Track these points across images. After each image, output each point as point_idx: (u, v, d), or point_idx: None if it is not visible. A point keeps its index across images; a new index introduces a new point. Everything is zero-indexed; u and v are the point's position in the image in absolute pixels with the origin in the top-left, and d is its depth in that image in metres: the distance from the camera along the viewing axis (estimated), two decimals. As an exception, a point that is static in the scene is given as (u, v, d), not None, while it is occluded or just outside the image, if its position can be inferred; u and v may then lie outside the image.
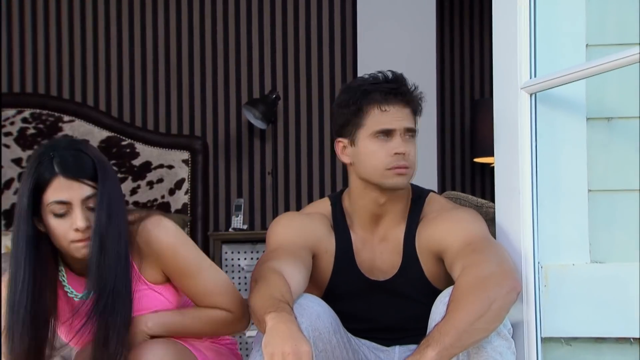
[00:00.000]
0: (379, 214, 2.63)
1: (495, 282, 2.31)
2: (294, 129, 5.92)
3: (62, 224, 2.41)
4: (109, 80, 5.93)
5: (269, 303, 2.28)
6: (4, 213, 5.68)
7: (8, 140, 5.71)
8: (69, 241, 2.42)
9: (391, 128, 2.55)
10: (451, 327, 2.26)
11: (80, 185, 2.40)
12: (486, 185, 6.10)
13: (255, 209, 5.89)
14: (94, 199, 2.42)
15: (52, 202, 2.39)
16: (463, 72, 6.17)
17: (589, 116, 2.51)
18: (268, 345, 2.19)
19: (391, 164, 2.55)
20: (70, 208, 2.40)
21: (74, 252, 2.43)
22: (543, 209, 2.50)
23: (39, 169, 2.40)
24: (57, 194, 2.39)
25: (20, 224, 2.44)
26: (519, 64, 2.51)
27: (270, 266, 2.45)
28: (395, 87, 2.56)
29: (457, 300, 2.30)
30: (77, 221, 2.39)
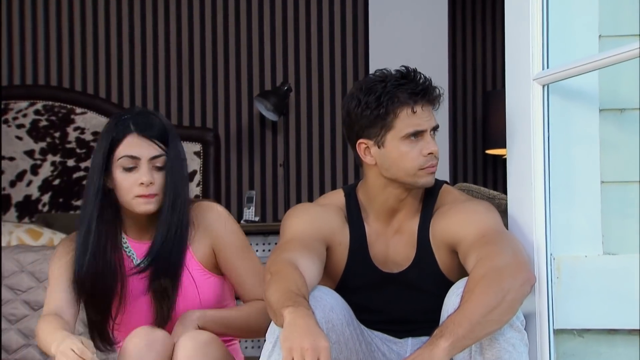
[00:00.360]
0: (397, 207, 2.63)
1: (509, 274, 2.31)
2: (305, 120, 5.92)
3: (129, 178, 2.60)
4: (121, 72, 5.94)
5: (286, 297, 2.28)
6: (17, 205, 5.70)
7: (21, 132, 5.72)
8: (133, 195, 2.60)
9: (422, 129, 2.54)
10: (464, 318, 2.26)
11: (150, 144, 2.61)
12: (498, 177, 6.09)
13: (267, 201, 5.89)
14: (160, 159, 2.62)
15: (123, 156, 2.60)
16: (475, 64, 6.15)
17: (602, 107, 2.50)
18: (286, 340, 2.20)
19: (424, 164, 2.55)
20: (138, 164, 2.61)
21: (136, 206, 2.61)
22: (555, 200, 2.50)
23: (114, 128, 2.63)
24: (128, 149, 2.60)
25: (93, 178, 2.63)
26: (532, 55, 2.51)
27: (285, 258, 2.45)
28: (423, 87, 2.54)
29: (470, 292, 2.30)
30: (143, 176, 2.58)
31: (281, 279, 2.36)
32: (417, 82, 2.55)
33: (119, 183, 2.61)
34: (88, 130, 5.75)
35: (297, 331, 2.19)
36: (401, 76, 2.56)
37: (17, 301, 3.59)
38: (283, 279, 2.36)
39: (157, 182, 2.61)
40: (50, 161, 5.72)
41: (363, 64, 5.86)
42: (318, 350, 2.18)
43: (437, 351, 2.24)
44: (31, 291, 3.59)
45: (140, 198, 2.60)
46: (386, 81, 2.55)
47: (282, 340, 2.21)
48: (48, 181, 5.72)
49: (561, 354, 2.48)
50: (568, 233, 2.50)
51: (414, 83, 2.55)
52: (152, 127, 2.63)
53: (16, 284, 3.60)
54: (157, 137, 2.63)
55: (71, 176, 5.72)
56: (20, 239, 4.37)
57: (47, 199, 5.70)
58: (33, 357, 3.54)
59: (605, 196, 2.49)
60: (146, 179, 2.59)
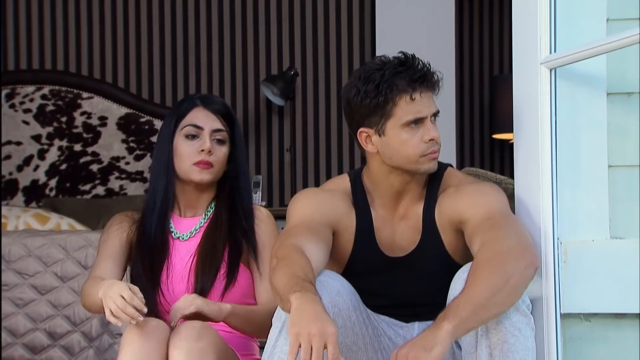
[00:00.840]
0: (401, 193, 2.63)
1: (513, 257, 2.31)
2: (312, 105, 5.91)
3: (190, 146, 2.74)
4: (128, 56, 5.93)
5: (293, 282, 2.28)
6: (24, 189, 5.71)
7: (27, 117, 5.73)
8: (192, 163, 2.73)
9: (422, 116, 2.54)
10: (468, 301, 2.26)
11: (214, 118, 2.77)
12: (505, 162, 6.08)
13: (274, 186, 5.89)
14: (222, 133, 2.76)
15: (188, 124, 2.75)
16: (482, 48, 6.14)
17: (609, 91, 2.50)
18: (294, 325, 2.20)
19: (426, 150, 2.54)
20: (200, 134, 2.75)
21: (192, 174, 2.74)
22: (563, 184, 2.49)
23: (181, 104, 2.81)
24: (194, 119, 2.76)
25: (161, 149, 2.78)
26: (539, 39, 2.50)
27: (291, 243, 2.45)
28: (421, 74, 2.53)
29: (474, 275, 2.31)
30: (205, 143, 2.73)
31: (288, 264, 2.36)
32: (416, 68, 2.53)
33: (180, 150, 2.75)
34: (95, 115, 5.76)
35: (305, 317, 2.19)
36: (399, 63, 2.54)
37: (24, 285, 3.59)
38: (289, 264, 2.36)
39: (216, 154, 2.74)
40: (57, 146, 5.73)
41: (370, 48, 5.85)
42: (325, 336, 2.18)
43: (440, 333, 2.24)
44: (38, 275, 3.60)
45: (198, 166, 2.73)
46: (384, 69, 2.53)
47: (289, 326, 2.21)
48: (55, 166, 5.72)
49: (568, 338, 2.48)
50: (575, 217, 2.49)
51: (412, 70, 2.53)
52: (216, 103, 2.80)
53: (24, 269, 3.61)
54: (221, 113, 2.78)
55: (78, 161, 5.73)
56: (27, 224, 4.38)
57: (54, 183, 5.71)
58: (41, 342, 3.55)
59: (613, 180, 2.49)
60: (208, 146, 2.72)
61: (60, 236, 3.66)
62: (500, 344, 2.32)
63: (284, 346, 2.36)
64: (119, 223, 2.82)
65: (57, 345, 3.56)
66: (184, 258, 2.76)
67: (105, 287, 2.51)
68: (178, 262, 2.75)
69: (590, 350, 2.47)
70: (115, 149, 5.73)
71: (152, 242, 2.75)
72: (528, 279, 2.33)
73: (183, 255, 2.76)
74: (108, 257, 2.76)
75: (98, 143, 5.74)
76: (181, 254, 2.77)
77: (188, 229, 2.80)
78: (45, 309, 3.57)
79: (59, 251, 3.62)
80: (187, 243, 2.78)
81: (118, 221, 2.82)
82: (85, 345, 3.55)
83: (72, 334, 3.56)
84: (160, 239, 2.76)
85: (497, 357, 2.31)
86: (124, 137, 5.74)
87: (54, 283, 3.59)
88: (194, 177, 2.74)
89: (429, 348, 2.22)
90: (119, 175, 5.72)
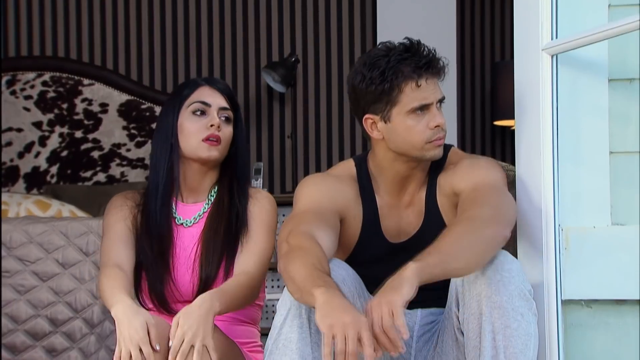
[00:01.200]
0: (407, 179, 2.63)
1: (481, 223, 2.36)
2: (313, 92, 5.91)
3: (198, 122, 2.72)
4: (129, 43, 5.93)
5: (315, 275, 2.28)
6: (25, 176, 5.71)
7: (28, 104, 5.72)
8: (200, 139, 2.70)
9: (428, 103, 2.53)
10: (435, 249, 2.32)
11: (220, 96, 2.76)
12: (506, 148, 6.08)
13: (275, 172, 5.89)
14: (228, 112, 2.75)
15: (195, 101, 2.73)
16: (483, 34, 6.13)
17: (611, 77, 2.49)
18: (326, 317, 2.20)
19: (432, 137, 2.54)
20: (208, 111, 2.73)
21: (201, 151, 2.71)
22: (564, 171, 2.49)
23: (184, 86, 2.79)
24: (201, 96, 2.74)
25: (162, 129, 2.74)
26: (540, 25, 2.49)
27: (303, 230, 2.45)
28: (427, 60, 2.53)
29: (445, 232, 2.36)
30: (213, 119, 2.71)
31: (305, 254, 2.35)
32: (421, 54, 2.53)
33: (187, 128, 2.72)
34: (96, 102, 5.75)
35: (336, 309, 2.20)
36: (404, 49, 2.54)
37: (26, 272, 3.59)
38: (307, 254, 2.35)
39: (223, 131, 2.72)
40: (58, 132, 5.73)
41: (371, 34, 5.84)
42: (359, 325, 2.18)
43: (405, 273, 2.26)
44: (40, 262, 3.60)
45: (207, 142, 2.70)
46: (389, 55, 2.53)
47: (320, 319, 2.21)
48: (56, 152, 5.72)
49: (569, 325, 2.48)
50: (576, 204, 2.50)
51: (417, 56, 2.52)
52: (221, 83, 2.80)
53: (25, 255, 3.61)
54: (226, 93, 2.77)
55: (79, 147, 5.72)
56: (28, 210, 4.38)
57: (55, 170, 5.71)
58: (42, 328, 3.55)
59: (614, 167, 2.49)
60: (217, 121, 2.70)
61: (61, 223, 3.66)
62: (503, 328, 2.32)
63: (289, 333, 2.36)
64: (120, 206, 2.78)
65: (59, 332, 3.56)
66: (188, 245, 2.74)
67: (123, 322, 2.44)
68: (182, 250, 2.74)
69: (591, 336, 2.47)
70: (116, 136, 5.72)
71: (158, 228, 2.73)
72: (494, 248, 2.37)
73: (187, 243, 2.74)
74: (119, 242, 2.72)
75: (99, 130, 5.74)
76: (185, 241, 2.75)
77: (192, 215, 2.77)
78: (47, 295, 3.57)
79: (60, 238, 3.62)
80: (190, 230, 2.76)
81: (119, 204, 2.78)
82: (86, 331, 3.55)
83: (74, 320, 3.56)
84: (166, 225, 2.73)
85: (500, 342, 2.32)
86: (125, 124, 5.73)
87: (55, 270, 3.59)
88: (202, 153, 2.71)
89: (397, 287, 2.24)
90: (120, 162, 5.71)
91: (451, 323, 2.48)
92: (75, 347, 3.56)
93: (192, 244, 2.73)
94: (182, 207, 2.78)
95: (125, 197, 2.80)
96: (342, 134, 5.89)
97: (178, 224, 2.76)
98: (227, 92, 2.78)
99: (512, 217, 2.46)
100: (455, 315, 2.44)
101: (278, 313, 2.40)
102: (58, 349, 3.55)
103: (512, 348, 2.32)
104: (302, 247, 2.38)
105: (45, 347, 3.56)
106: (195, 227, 2.76)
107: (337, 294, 2.24)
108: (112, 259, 2.68)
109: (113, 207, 2.78)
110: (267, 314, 5.14)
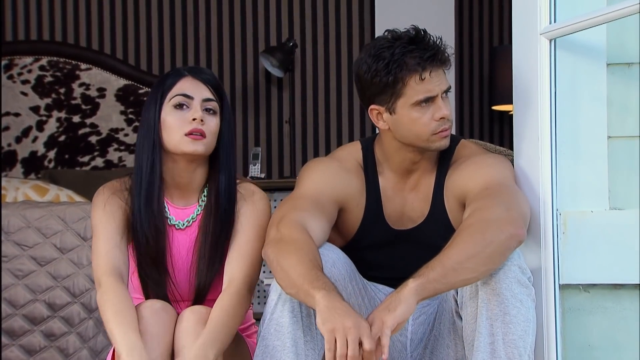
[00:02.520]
0: (413, 167, 2.62)
1: (496, 226, 2.31)
2: (311, 76, 5.90)
3: (180, 116, 2.59)
4: (126, 28, 5.91)
5: (313, 275, 2.27)
6: (23, 161, 5.70)
7: (26, 88, 5.71)
8: (183, 133, 2.57)
9: (433, 95, 2.52)
10: (438, 262, 2.27)
11: (204, 87, 2.62)
12: (505, 133, 6.07)
13: (273, 158, 5.89)
14: (212, 103, 2.61)
15: (177, 94, 2.60)
16: (482, 19, 6.11)
17: (609, 62, 2.49)
18: (327, 321, 2.20)
19: (437, 129, 2.53)
20: (190, 104, 2.60)
21: (184, 146, 2.57)
22: (562, 155, 2.49)
23: (167, 76, 2.65)
24: (183, 88, 2.61)
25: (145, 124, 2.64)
26: (539, 9, 2.49)
27: (295, 220, 2.44)
28: (431, 53, 2.50)
29: (453, 239, 2.31)
30: (195, 112, 2.58)
31: (299, 249, 2.35)
32: (426, 46, 2.51)
33: (168, 122, 2.60)
34: (93, 87, 5.74)
35: (338, 313, 2.19)
36: (409, 41, 2.51)
37: (23, 257, 3.59)
38: (301, 249, 2.35)
39: (207, 124, 2.59)
40: (56, 117, 5.72)
41: (369, 18, 5.83)
42: (361, 329, 2.18)
43: (403, 292, 2.24)
44: (37, 247, 3.60)
45: (190, 136, 2.57)
46: (394, 47, 2.50)
47: (321, 323, 2.21)
48: (54, 137, 5.71)
49: (567, 309, 2.48)
50: (574, 188, 2.49)
51: (422, 48, 2.50)
52: (205, 73, 2.66)
53: (23, 240, 3.61)
54: (211, 83, 2.64)
55: (77, 132, 5.72)
56: (26, 195, 4.37)
57: (52, 155, 5.70)
58: (40, 313, 3.55)
59: (612, 151, 2.49)
60: (199, 114, 2.57)
61: (59, 207, 3.66)
62: (502, 315, 2.32)
63: (280, 318, 2.37)
64: (106, 199, 2.64)
65: (57, 317, 3.56)
66: (183, 249, 2.66)
67: None
68: (177, 253, 2.66)
69: (589, 320, 2.47)
70: (114, 121, 5.72)
71: (143, 228, 2.60)
72: (508, 249, 2.32)
73: (181, 246, 2.66)
74: (114, 245, 2.59)
75: (97, 114, 5.73)
76: (179, 244, 2.66)
77: (185, 217, 2.67)
78: (45, 280, 3.57)
79: (58, 222, 3.61)
80: (184, 232, 2.67)
81: (105, 197, 2.65)
82: (85, 316, 3.55)
83: (72, 305, 3.56)
84: (152, 225, 2.60)
85: (498, 329, 2.31)
86: (123, 109, 5.73)
87: (53, 254, 3.59)
88: (186, 148, 2.57)
89: (392, 308, 2.23)
90: (117, 146, 5.71)
91: (449, 306, 2.48)
92: (74, 332, 3.56)
93: (188, 248, 2.66)
94: (174, 208, 2.68)
95: (112, 189, 2.67)
96: (340, 119, 5.88)
97: (171, 224, 2.66)
98: (212, 82, 2.64)
99: (527, 215, 2.43)
100: (454, 298, 2.44)
101: (269, 298, 2.40)
102: (56, 333, 3.56)
103: (511, 334, 2.32)
104: (294, 240, 2.37)
105: (44, 332, 3.56)
106: (188, 230, 2.67)
107: (337, 297, 2.23)
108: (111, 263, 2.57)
109: (100, 202, 2.64)
110: (264, 298, 5.14)
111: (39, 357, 3.56)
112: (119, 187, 2.67)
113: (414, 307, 2.23)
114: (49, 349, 3.56)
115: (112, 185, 2.68)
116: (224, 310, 2.50)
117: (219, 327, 2.47)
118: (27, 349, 3.56)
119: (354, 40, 5.84)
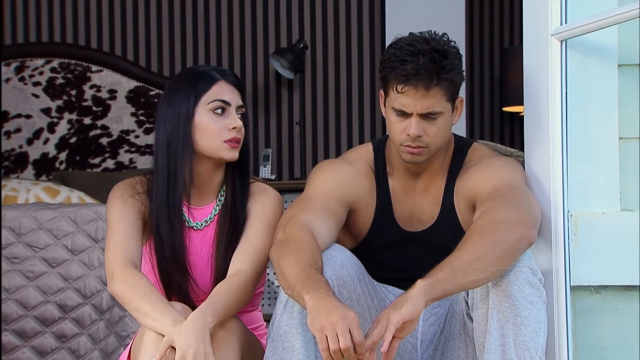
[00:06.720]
0: (416, 166, 2.62)
1: (506, 227, 2.30)
2: (321, 78, 5.90)
3: (219, 122, 2.60)
4: (137, 29, 5.92)
5: (305, 276, 2.27)
6: (35, 163, 5.72)
7: (37, 90, 5.73)
8: (222, 140, 2.59)
9: (407, 111, 2.49)
10: (447, 263, 2.26)
11: (237, 93, 2.65)
12: (515, 134, 6.07)
13: (283, 159, 5.89)
14: (242, 109, 2.65)
15: (215, 100, 2.61)
16: (492, 20, 6.11)
17: (621, 63, 2.48)
18: (315, 322, 2.19)
19: (405, 142, 2.52)
20: (228, 110, 2.62)
21: (223, 152, 2.60)
22: (573, 156, 2.49)
23: (198, 77, 2.63)
24: (220, 94, 2.62)
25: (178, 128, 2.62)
26: (550, 10, 2.48)
27: (302, 221, 2.44)
28: (421, 76, 2.44)
29: (462, 241, 2.31)
30: (236, 121, 2.60)
31: (298, 249, 2.35)
32: (421, 66, 2.45)
33: (206, 127, 2.59)
34: (104, 88, 5.75)
35: (323, 310, 2.19)
36: (413, 52, 2.47)
37: (35, 258, 3.60)
38: (300, 249, 2.35)
39: (241, 131, 2.63)
40: (67, 119, 5.73)
41: (379, 20, 5.83)
42: (348, 320, 2.18)
43: (412, 291, 2.24)
44: (49, 248, 3.60)
45: (229, 143, 2.59)
46: (397, 49, 2.50)
47: (310, 324, 2.21)
48: (65, 139, 5.73)
49: (578, 311, 2.48)
50: (585, 189, 2.49)
51: (416, 65, 2.45)
52: (233, 76, 2.69)
53: (34, 241, 3.61)
54: (240, 88, 2.67)
55: (88, 134, 5.73)
56: (37, 197, 4.38)
57: (64, 156, 5.72)
58: (51, 314, 3.56)
59: (624, 152, 2.48)
60: (239, 124, 2.60)
61: (70, 209, 3.66)
62: (513, 317, 2.31)
63: (290, 320, 2.37)
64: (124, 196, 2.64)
65: (68, 318, 3.57)
66: (202, 250, 2.66)
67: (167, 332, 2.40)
68: (194, 253, 2.65)
69: (600, 322, 2.47)
70: (124, 122, 5.73)
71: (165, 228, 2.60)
72: (518, 250, 2.31)
73: (199, 247, 2.66)
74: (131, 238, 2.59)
75: (107, 116, 5.74)
76: (198, 245, 2.66)
77: (202, 217, 2.67)
78: (56, 281, 3.58)
79: (69, 224, 3.62)
80: (202, 233, 2.67)
81: (123, 193, 2.65)
82: (96, 317, 3.56)
83: (83, 306, 3.57)
84: (172, 225, 2.61)
85: (509, 330, 2.31)
86: (134, 111, 5.74)
87: (64, 256, 3.60)
88: (225, 155, 2.59)
89: (398, 307, 2.23)
90: (128, 148, 5.72)
91: (460, 307, 2.48)
92: (85, 333, 3.57)
93: (206, 249, 2.65)
94: (192, 210, 2.67)
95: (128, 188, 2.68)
96: (350, 120, 5.88)
97: (189, 226, 2.66)
98: (241, 87, 2.66)
99: (537, 216, 2.42)
100: (465, 299, 2.44)
101: (278, 299, 2.40)
102: (67, 334, 3.56)
103: (522, 336, 2.31)
104: (297, 240, 2.37)
105: (55, 333, 3.57)
106: (206, 230, 2.67)
107: (324, 295, 2.22)
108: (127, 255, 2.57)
109: (117, 200, 2.64)
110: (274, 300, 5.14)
111: (50, 358, 3.57)
112: (136, 185, 2.69)
113: (421, 307, 2.23)
114: (60, 351, 3.57)
115: (129, 182, 2.70)
116: (230, 288, 2.52)
117: (221, 302, 2.48)
118: (38, 350, 3.57)
119: (364, 42, 5.84)
